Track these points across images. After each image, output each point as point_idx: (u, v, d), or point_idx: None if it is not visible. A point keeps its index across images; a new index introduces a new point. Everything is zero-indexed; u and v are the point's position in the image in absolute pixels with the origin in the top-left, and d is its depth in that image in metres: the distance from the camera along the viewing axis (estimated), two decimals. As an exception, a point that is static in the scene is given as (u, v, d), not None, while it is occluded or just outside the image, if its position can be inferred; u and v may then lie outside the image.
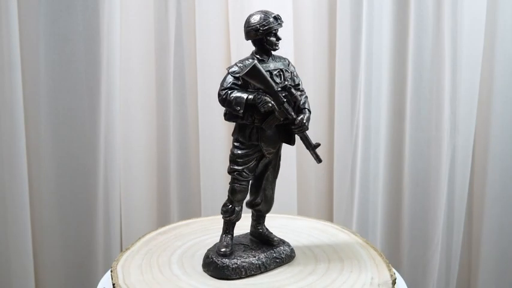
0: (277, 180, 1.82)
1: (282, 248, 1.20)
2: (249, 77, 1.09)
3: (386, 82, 1.84)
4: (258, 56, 1.13)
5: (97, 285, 1.20)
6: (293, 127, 1.13)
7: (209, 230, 1.36)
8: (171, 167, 1.84)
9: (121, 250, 1.81)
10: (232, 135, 1.16)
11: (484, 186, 1.92)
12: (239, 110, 1.09)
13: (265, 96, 1.09)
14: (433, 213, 1.88)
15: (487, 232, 1.93)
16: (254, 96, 1.09)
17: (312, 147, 1.15)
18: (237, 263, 1.12)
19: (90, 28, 1.71)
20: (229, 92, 1.09)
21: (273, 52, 1.15)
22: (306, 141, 1.15)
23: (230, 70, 1.11)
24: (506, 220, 1.92)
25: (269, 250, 1.18)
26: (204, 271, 1.14)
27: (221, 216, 1.18)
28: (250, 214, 1.25)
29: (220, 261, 1.12)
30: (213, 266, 1.12)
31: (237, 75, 1.10)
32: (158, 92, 1.83)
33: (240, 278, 1.12)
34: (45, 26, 1.70)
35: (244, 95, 1.09)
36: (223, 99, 1.10)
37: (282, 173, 1.82)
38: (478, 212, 1.95)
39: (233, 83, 1.10)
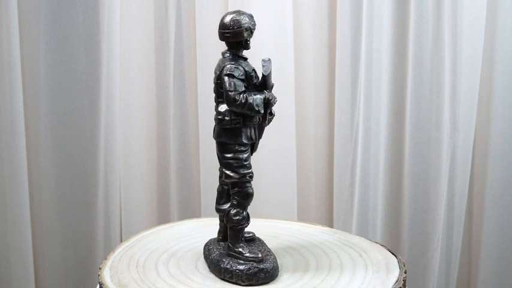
0: (278, 180, 1.83)
1: (260, 239, 1.20)
2: (268, 76, 1.08)
3: (387, 82, 1.84)
4: (243, 56, 1.12)
5: (97, 285, 1.20)
6: (270, 117, 1.14)
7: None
8: (171, 167, 1.84)
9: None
10: (225, 141, 1.12)
11: (484, 186, 1.91)
12: (260, 111, 1.08)
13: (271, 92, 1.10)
14: (433, 213, 1.88)
15: (487, 232, 1.93)
16: (267, 94, 1.09)
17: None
18: (275, 261, 1.12)
19: (90, 28, 1.71)
20: (245, 95, 1.07)
21: None
22: (263, 130, 1.16)
23: (235, 74, 1.07)
24: (506, 220, 1.92)
25: (260, 243, 1.18)
26: (251, 284, 1.09)
27: (233, 227, 1.13)
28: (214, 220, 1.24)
29: (269, 265, 1.10)
30: (263, 272, 1.09)
31: (264, 74, 1.08)
32: (158, 92, 1.83)
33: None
34: (45, 26, 1.70)
35: (260, 95, 1.08)
36: (243, 104, 1.06)
37: (282, 173, 1.84)
38: (478, 212, 1.95)
39: (244, 86, 1.08)
